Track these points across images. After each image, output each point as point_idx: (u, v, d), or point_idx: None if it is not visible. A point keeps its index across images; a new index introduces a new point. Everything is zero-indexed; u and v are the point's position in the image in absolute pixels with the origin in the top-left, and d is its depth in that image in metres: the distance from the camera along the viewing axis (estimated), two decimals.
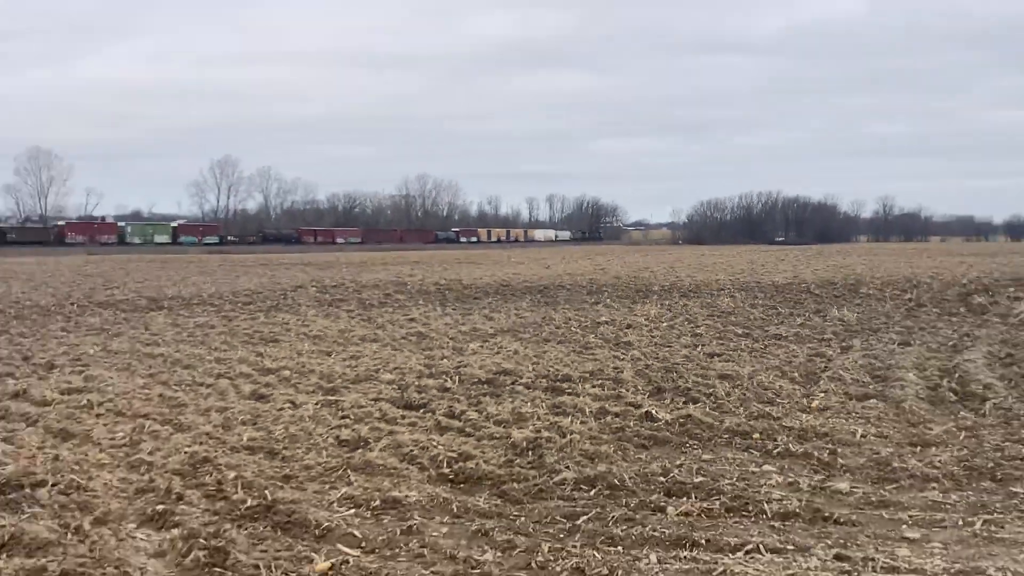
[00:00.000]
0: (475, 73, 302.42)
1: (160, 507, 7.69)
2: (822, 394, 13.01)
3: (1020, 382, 13.97)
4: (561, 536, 7.25)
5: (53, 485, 8.18)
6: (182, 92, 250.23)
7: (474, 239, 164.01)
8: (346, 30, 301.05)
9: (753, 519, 7.63)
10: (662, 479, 8.69)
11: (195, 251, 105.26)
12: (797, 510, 7.75)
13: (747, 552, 6.82)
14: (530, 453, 9.54)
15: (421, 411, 11.73)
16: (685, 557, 6.76)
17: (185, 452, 9.35)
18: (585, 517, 7.63)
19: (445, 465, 9.06)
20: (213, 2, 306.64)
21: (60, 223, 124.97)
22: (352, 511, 7.77)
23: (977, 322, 22.80)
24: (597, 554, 6.80)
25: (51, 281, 40.57)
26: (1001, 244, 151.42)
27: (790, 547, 6.92)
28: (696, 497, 8.14)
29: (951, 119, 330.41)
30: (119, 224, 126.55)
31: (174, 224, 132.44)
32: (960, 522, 7.53)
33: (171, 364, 15.76)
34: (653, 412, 11.40)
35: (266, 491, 8.02)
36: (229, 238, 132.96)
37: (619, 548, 6.97)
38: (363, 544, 6.97)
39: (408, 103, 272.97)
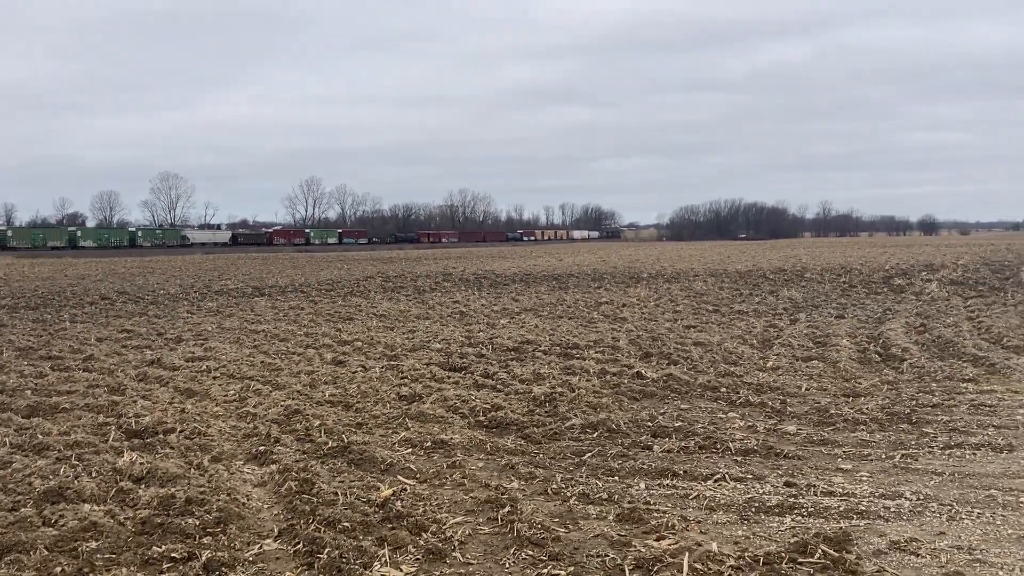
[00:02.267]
0: (504, 109, 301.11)
1: (262, 448, 7.75)
2: (775, 356, 12.93)
3: (931, 346, 13.87)
4: (571, 468, 7.25)
5: (180, 431, 8.27)
6: (277, 127, 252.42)
7: (532, 238, 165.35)
8: (404, 79, 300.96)
9: (720, 454, 7.60)
10: (649, 424, 8.67)
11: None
12: (755, 447, 7.72)
13: (716, 480, 6.80)
14: (547, 404, 9.53)
15: (462, 372, 11.73)
16: (667, 484, 6.75)
17: (281, 406, 9.41)
18: (590, 454, 7.63)
19: (481, 414, 9.07)
20: (302, 58, 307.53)
21: (270, 230, 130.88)
22: (409, 450, 7.80)
23: (897, 299, 22.58)
24: (599, 482, 6.80)
25: (178, 275, 40.84)
26: (916, 238, 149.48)
27: (749, 476, 6.90)
28: (676, 438, 8.11)
29: (876, 140, 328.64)
30: (306, 231, 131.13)
31: (339, 230, 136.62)
32: (883, 456, 7.49)
33: (270, 338, 15.84)
34: (643, 372, 11.36)
35: (343, 435, 8.06)
36: (374, 239, 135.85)
37: (616, 477, 6.96)
38: (418, 475, 6.98)
39: (451, 133, 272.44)
